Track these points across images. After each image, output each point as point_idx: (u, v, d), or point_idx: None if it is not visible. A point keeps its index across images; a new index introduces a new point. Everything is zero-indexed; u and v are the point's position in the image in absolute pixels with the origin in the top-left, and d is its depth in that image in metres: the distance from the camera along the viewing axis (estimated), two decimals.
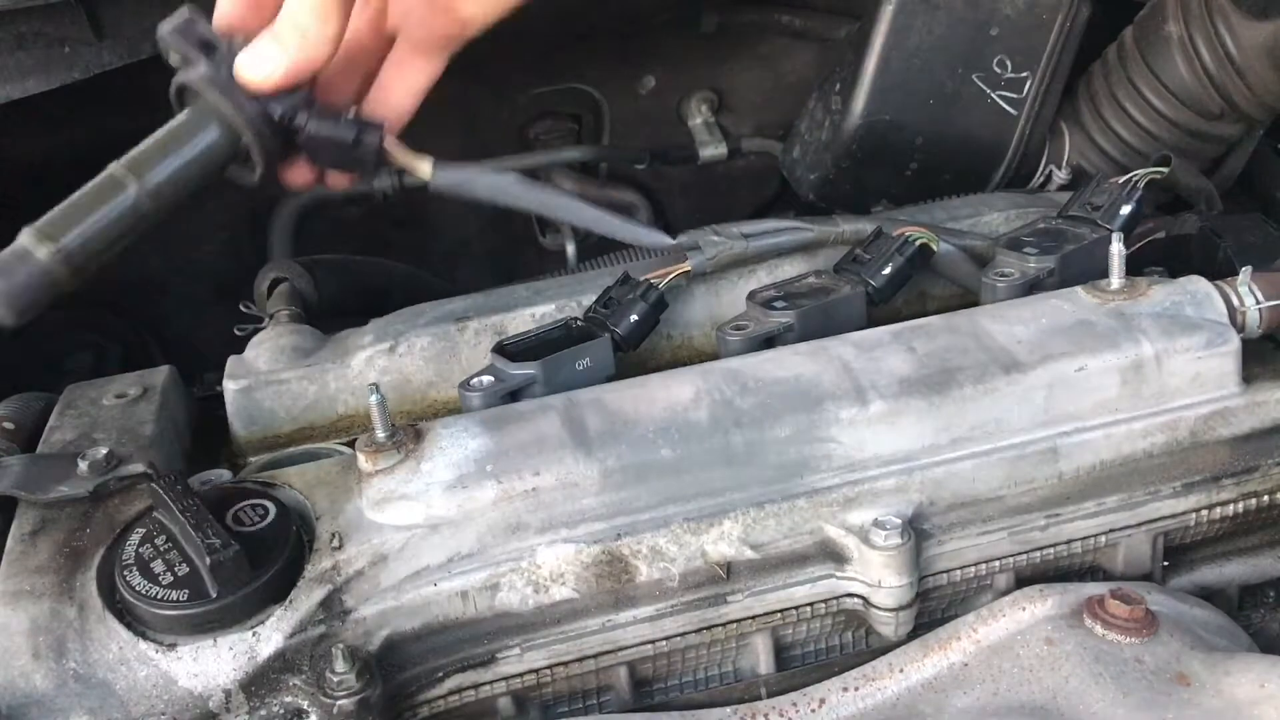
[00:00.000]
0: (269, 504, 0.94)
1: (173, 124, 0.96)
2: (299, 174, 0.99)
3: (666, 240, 1.18)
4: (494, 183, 1.08)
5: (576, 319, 1.15)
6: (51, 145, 1.44)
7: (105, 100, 1.31)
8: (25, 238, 0.91)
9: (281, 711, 0.88)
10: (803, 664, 1.02)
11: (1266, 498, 1.05)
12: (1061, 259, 1.12)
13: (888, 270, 1.15)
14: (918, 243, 1.18)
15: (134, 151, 0.96)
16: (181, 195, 0.97)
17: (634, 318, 1.13)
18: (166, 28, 0.95)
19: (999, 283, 1.12)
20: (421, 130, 1.25)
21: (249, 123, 0.93)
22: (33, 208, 1.63)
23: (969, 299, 1.20)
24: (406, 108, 1.01)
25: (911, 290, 1.22)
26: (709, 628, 0.97)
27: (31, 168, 1.46)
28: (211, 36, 0.93)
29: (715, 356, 1.10)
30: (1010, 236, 1.17)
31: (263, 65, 0.90)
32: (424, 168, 1.02)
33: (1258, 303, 1.04)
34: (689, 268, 1.19)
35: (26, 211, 1.62)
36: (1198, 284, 1.05)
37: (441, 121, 1.13)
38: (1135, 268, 1.09)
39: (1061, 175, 1.53)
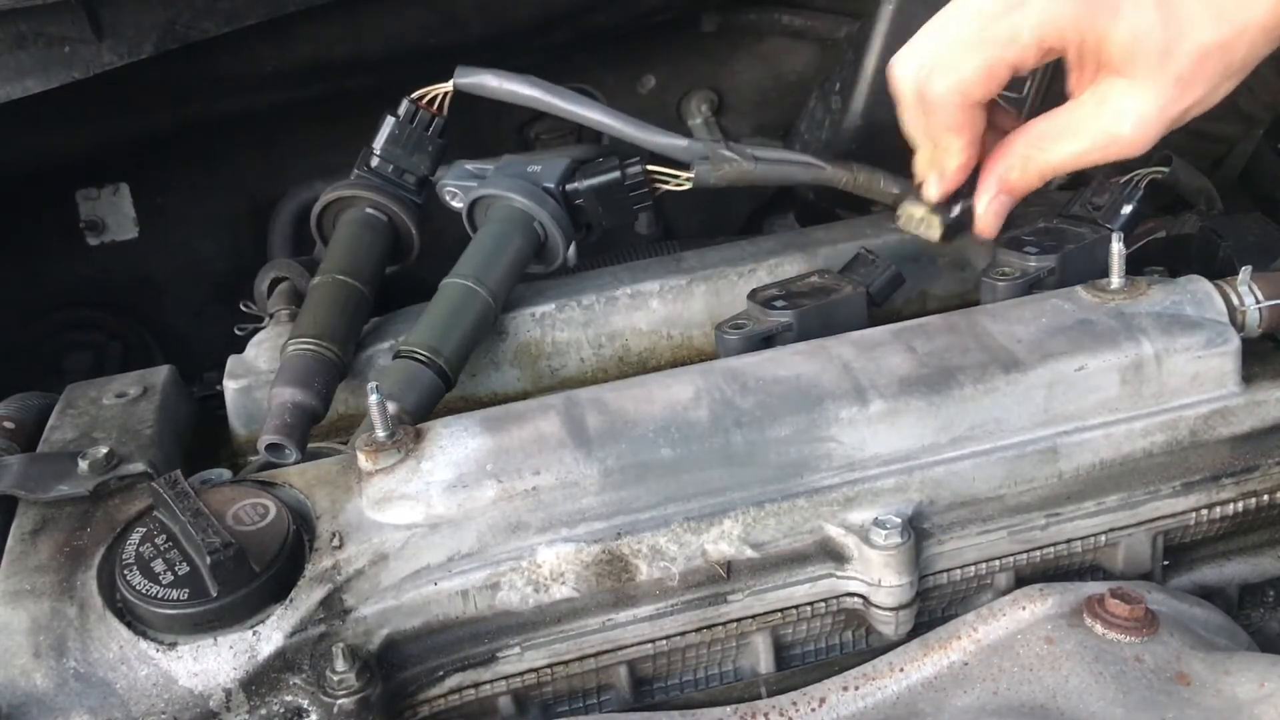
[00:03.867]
0: (269, 503, 0.94)
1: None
2: None
3: (680, 142, 1.23)
4: (511, 87, 1.23)
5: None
6: (51, 145, 1.44)
7: (105, 100, 1.31)
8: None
9: (282, 711, 0.88)
10: (803, 663, 1.02)
11: (1266, 497, 1.05)
12: (1062, 258, 1.12)
13: (888, 270, 1.15)
14: None
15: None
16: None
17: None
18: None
19: (999, 282, 1.12)
20: None
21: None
22: (33, 208, 1.63)
23: (969, 299, 1.20)
24: None
25: (911, 290, 1.22)
26: (709, 627, 0.97)
27: (31, 167, 1.46)
28: None
29: (715, 356, 1.10)
30: (1010, 236, 1.17)
31: (996, 221, 1.10)
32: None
33: (1258, 302, 1.04)
34: (692, 176, 1.21)
35: (27, 211, 1.62)
36: (1198, 283, 1.05)
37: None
38: (1135, 267, 1.09)
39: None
